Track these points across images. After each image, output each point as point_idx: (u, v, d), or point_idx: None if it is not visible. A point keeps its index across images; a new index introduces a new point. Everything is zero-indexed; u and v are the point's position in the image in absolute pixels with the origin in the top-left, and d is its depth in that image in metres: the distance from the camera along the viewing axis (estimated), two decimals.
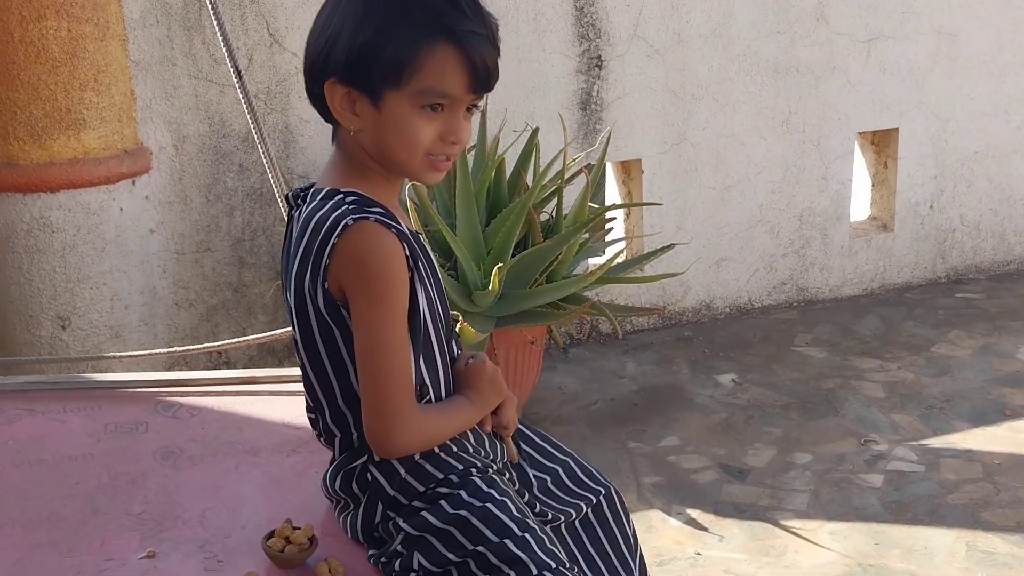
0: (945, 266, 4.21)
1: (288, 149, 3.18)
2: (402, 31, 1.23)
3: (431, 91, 1.25)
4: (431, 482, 1.35)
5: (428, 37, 1.23)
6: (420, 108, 1.26)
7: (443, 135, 1.28)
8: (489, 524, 1.29)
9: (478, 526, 1.29)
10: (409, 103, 1.26)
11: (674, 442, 2.96)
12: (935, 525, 2.51)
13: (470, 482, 1.34)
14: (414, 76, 1.24)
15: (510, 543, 1.28)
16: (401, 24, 1.23)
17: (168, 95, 3.01)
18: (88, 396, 1.94)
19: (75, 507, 1.56)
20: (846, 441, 2.93)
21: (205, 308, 3.19)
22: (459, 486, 1.34)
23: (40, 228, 2.76)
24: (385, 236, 1.26)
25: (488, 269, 2.75)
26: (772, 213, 3.86)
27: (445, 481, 1.35)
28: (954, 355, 3.49)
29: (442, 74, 1.24)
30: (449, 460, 1.36)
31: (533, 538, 1.29)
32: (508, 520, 1.30)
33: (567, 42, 3.45)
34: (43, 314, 2.82)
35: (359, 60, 1.24)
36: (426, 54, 1.23)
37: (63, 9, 2.65)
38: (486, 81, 1.27)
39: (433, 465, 1.36)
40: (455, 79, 1.25)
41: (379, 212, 1.28)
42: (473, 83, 1.26)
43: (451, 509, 1.31)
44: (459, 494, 1.32)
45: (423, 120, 1.26)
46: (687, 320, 3.84)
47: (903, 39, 3.87)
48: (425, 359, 1.35)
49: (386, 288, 1.26)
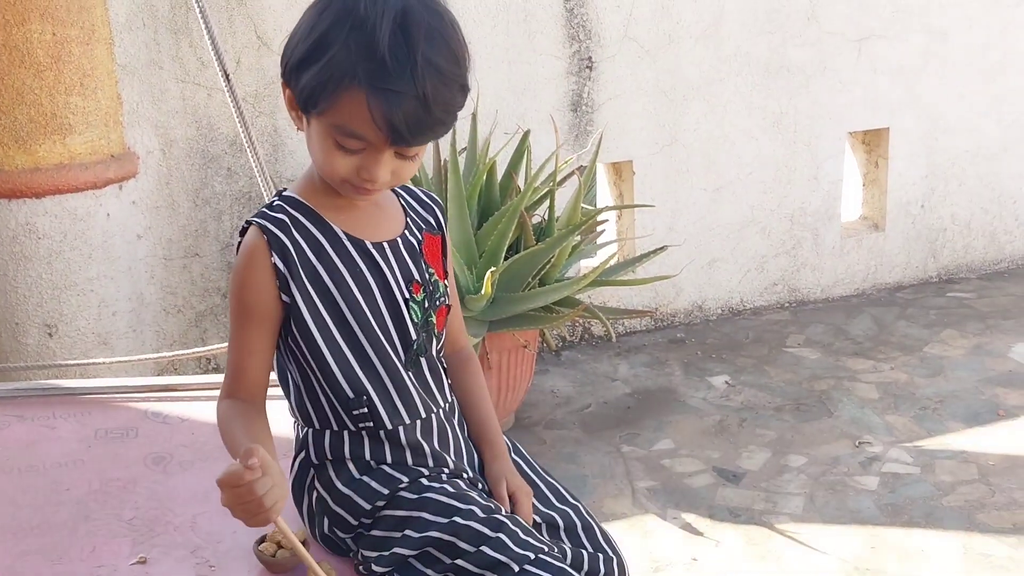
0: (936, 265, 4.22)
1: (276, 152, 3.15)
2: (324, 63, 1.19)
3: (343, 129, 1.21)
4: (377, 499, 1.33)
5: (343, 79, 1.18)
6: (336, 142, 1.23)
7: (359, 170, 1.25)
8: (461, 535, 1.28)
9: (451, 540, 1.28)
10: (327, 132, 1.23)
11: (668, 445, 2.94)
12: (931, 527, 2.50)
13: (427, 501, 1.31)
14: (328, 111, 1.21)
15: (487, 549, 1.27)
16: (326, 56, 1.19)
17: (155, 99, 2.98)
18: (78, 402, 1.93)
19: (66, 513, 1.55)
20: (840, 443, 2.92)
21: (193, 313, 3.16)
22: (416, 506, 1.31)
23: (26, 234, 2.72)
24: (251, 238, 1.31)
25: (480, 273, 2.73)
26: (763, 214, 3.86)
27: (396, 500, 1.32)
28: (947, 355, 3.49)
29: (354, 117, 1.19)
30: (394, 473, 1.35)
31: (507, 534, 1.28)
32: (478, 525, 1.28)
33: (557, 43, 3.44)
34: (30, 321, 2.79)
35: (291, 73, 1.25)
36: (338, 94, 1.19)
37: (48, 13, 2.62)
38: (404, 138, 1.20)
39: (378, 481, 1.34)
40: (367, 128, 1.20)
41: (279, 215, 1.31)
42: (389, 137, 1.20)
43: (418, 533, 1.30)
44: (421, 516, 1.30)
45: (340, 153, 1.24)
46: (679, 322, 3.83)
47: (894, 38, 3.88)
48: (356, 367, 1.33)
49: (233, 289, 1.32)
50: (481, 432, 1.48)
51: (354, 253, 1.34)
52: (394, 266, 1.36)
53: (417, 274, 1.38)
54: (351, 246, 1.34)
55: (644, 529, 2.53)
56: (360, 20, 1.18)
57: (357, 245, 1.34)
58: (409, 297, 1.36)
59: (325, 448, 1.37)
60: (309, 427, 1.39)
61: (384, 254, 1.36)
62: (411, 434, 1.36)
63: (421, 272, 1.39)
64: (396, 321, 1.35)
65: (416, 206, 1.45)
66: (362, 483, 1.35)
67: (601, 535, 1.44)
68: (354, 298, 1.33)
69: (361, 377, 1.33)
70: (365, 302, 1.33)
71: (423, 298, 1.38)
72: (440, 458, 1.38)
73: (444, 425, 1.41)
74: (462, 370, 1.52)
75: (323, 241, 1.33)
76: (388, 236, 1.38)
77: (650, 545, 2.46)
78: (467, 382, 1.51)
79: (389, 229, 1.39)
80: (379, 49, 1.16)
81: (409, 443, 1.36)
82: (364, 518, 1.34)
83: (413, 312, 1.36)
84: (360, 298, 1.33)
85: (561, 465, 2.83)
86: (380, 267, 1.35)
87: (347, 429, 1.37)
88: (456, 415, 1.46)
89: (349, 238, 1.34)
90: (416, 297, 1.37)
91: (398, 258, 1.37)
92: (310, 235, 1.32)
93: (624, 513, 2.60)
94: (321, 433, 1.38)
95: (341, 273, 1.32)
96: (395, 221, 1.41)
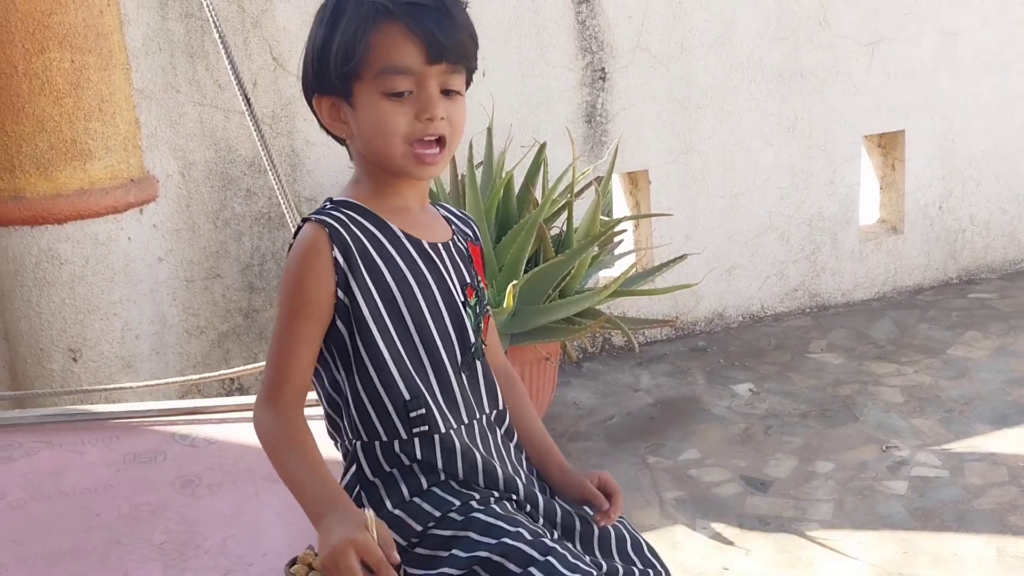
0: (956, 267, 4.19)
1: (295, 172, 3.17)
2: (346, 22, 1.25)
3: (387, 69, 1.24)
4: (428, 520, 1.32)
5: (369, 19, 1.24)
6: (387, 95, 1.25)
7: (417, 114, 1.26)
8: (511, 558, 1.26)
9: (500, 562, 1.26)
10: (375, 91, 1.26)
11: (694, 455, 2.93)
12: (963, 531, 2.47)
13: (474, 520, 1.30)
14: (367, 60, 1.24)
15: (535, 571, 1.25)
16: (344, 17, 1.26)
17: (173, 122, 3.00)
18: (105, 427, 1.93)
19: (97, 539, 1.55)
20: (867, 448, 2.90)
21: (216, 335, 3.17)
22: (464, 526, 1.30)
23: (48, 260, 2.74)
24: (310, 231, 1.27)
25: (501, 286, 2.73)
26: (781, 219, 3.84)
27: (444, 520, 1.31)
28: (971, 357, 3.46)
29: (392, 50, 1.24)
30: (446, 496, 1.33)
31: (556, 557, 1.26)
32: (526, 547, 1.27)
33: (570, 55, 3.44)
34: (54, 347, 2.80)
35: (320, 64, 1.27)
36: (370, 36, 1.24)
37: (66, 40, 2.64)
38: (441, 49, 1.25)
39: (430, 503, 1.32)
40: (406, 52, 1.24)
41: (336, 212, 1.29)
42: (428, 53, 1.24)
43: (466, 553, 1.28)
44: (468, 536, 1.29)
45: (393, 106, 1.26)
46: (700, 330, 3.82)
47: (905, 41, 3.87)
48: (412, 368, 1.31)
49: (288, 281, 1.28)
50: (544, 450, 1.49)
51: (414, 252, 1.33)
52: (450, 268, 1.36)
53: (470, 279, 1.39)
54: (410, 245, 1.33)
55: (673, 540, 2.52)
56: None
57: (416, 244, 1.33)
58: (465, 300, 1.37)
59: (379, 458, 1.33)
60: (358, 439, 1.35)
61: (441, 255, 1.36)
62: (462, 439, 1.35)
63: (473, 278, 1.40)
64: (456, 323, 1.35)
65: (455, 220, 1.46)
66: (413, 504, 1.33)
67: (648, 550, 1.44)
68: (415, 298, 1.31)
69: (417, 379, 1.32)
70: (426, 302, 1.32)
71: (475, 303, 1.39)
72: (489, 465, 1.36)
73: (486, 432, 1.39)
74: (510, 389, 1.51)
75: (383, 239, 1.31)
76: (442, 239, 1.39)
77: (680, 556, 2.45)
78: (516, 402, 1.50)
79: (441, 233, 1.40)
80: None
81: (462, 448, 1.34)
82: (413, 538, 1.33)
83: (470, 316, 1.37)
84: (421, 298, 1.32)
85: None
86: (439, 268, 1.35)
87: (398, 438, 1.33)
88: (504, 426, 1.44)
89: (408, 237, 1.33)
90: (470, 302, 1.38)
91: (453, 261, 1.37)
92: (370, 233, 1.31)
93: (652, 524, 2.58)
94: (371, 445, 1.34)
95: (402, 271, 1.31)
96: (444, 228, 1.42)
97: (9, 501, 1.67)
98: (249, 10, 3.03)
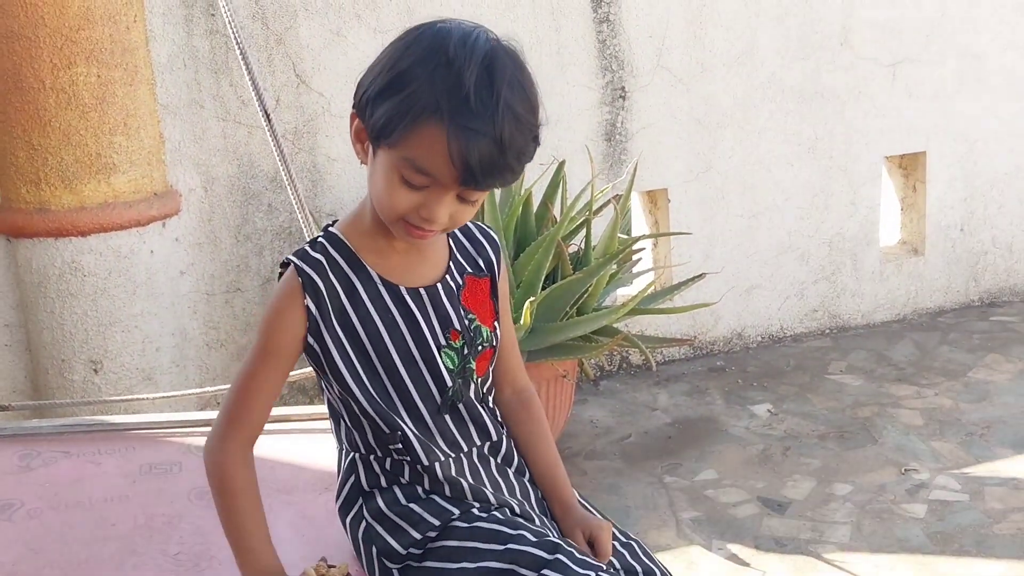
0: (978, 289, 4.16)
1: (316, 188, 3.19)
2: (406, 95, 1.19)
3: (413, 163, 1.20)
4: (428, 529, 1.33)
5: (422, 113, 1.18)
6: (402, 176, 1.22)
7: (419, 208, 1.24)
8: (520, 562, 1.26)
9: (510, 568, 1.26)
10: (394, 165, 1.22)
11: (711, 475, 2.91)
12: (983, 556, 2.44)
13: (478, 530, 1.31)
14: (400, 142, 1.20)
15: (549, 572, 1.24)
16: (407, 88, 1.19)
17: (196, 137, 3.03)
18: (122, 438, 1.95)
19: (113, 549, 1.56)
20: (886, 470, 2.88)
21: (236, 348, 3.19)
22: (468, 535, 1.31)
23: (72, 273, 2.77)
24: (288, 278, 1.32)
25: (519, 303, 2.73)
26: (801, 239, 3.83)
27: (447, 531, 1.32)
28: (992, 380, 3.43)
29: (426, 153, 1.19)
30: (446, 505, 1.35)
31: (564, 555, 1.26)
32: (534, 549, 1.27)
33: (590, 74, 3.46)
34: (75, 358, 2.83)
35: (367, 105, 1.24)
36: (414, 128, 1.18)
37: (93, 55, 2.68)
38: (475, 178, 1.19)
39: (429, 512, 1.34)
40: (439, 164, 1.19)
41: (317, 255, 1.33)
42: (461, 176, 1.19)
43: (474, 564, 1.28)
44: (476, 546, 1.29)
45: (403, 188, 1.23)
46: (719, 350, 3.80)
47: (928, 62, 3.86)
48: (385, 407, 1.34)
49: (264, 323, 1.34)
50: (548, 484, 1.47)
51: (387, 299, 1.34)
52: (430, 313, 1.35)
53: (456, 321, 1.37)
54: (385, 291, 1.34)
55: (689, 560, 2.50)
56: (448, 59, 1.18)
57: (392, 291, 1.34)
58: (445, 344, 1.36)
59: (375, 469, 1.38)
60: (355, 452, 1.40)
61: (420, 300, 1.35)
62: (447, 470, 1.37)
63: (460, 318, 1.37)
64: (430, 367, 1.35)
65: (467, 244, 1.44)
66: (411, 511, 1.35)
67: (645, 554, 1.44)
68: (384, 345, 1.33)
69: (393, 416, 1.35)
70: (396, 349, 1.33)
71: (462, 345, 1.37)
72: (479, 492, 1.38)
73: (476, 465, 1.40)
74: (523, 414, 1.50)
75: (357, 285, 1.33)
76: (426, 282, 1.37)
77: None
78: (528, 429, 1.49)
79: (427, 275, 1.38)
80: (464, 88, 1.17)
81: (446, 478, 1.37)
82: (414, 548, 1.34)
83: (448, 358, 1.36)
84: (390, 345, 1.33)
85: (603, 496, 2.81)
86: (414, 314, 1.34)
87: (390, 457, 1.38)
88: (501, 454, 1.44)
89: (384, 283, 1.34)
90: (454, 344, 1.36)
91: (436, 304, 1.36)
92: (345, 278, 1.33)
93: (668, 544, 2.57)
94: (366, 457, 1.39)
95: (372, 319, 1.33)
96: (436, 266, 1.39)
97: (27, 510, 1.69)
98: (273, 28, 3.06)
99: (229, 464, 1.34)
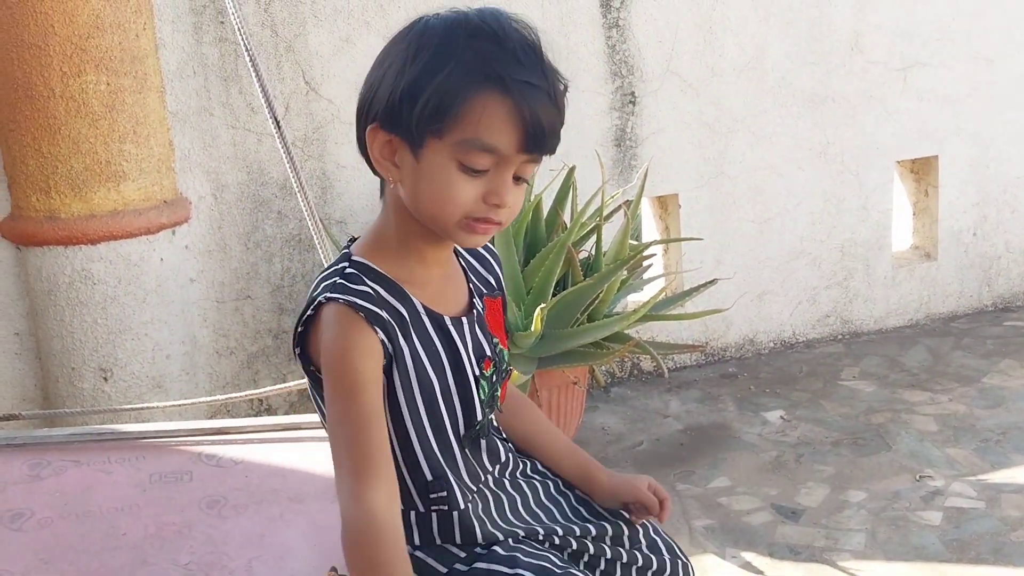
0: (992, 294, 4.13)
1: (325, 195, 3.19)
2: (447, 74, 1.11)
3: (474, 143, 1.12)
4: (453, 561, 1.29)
5: (474, 83, 1.11)
6: (462, 165, 1.13)
7: (485, 196, 1.15)
8: None
9: None
10: (450, 156, 1.13)
11: (724, 483, 2.89)
12: (1000, 564, 2.42)
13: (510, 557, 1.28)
14: (456, 125, 1.11)
15: None
16: (447, 67, 1.11)
17: (206, 145, 3.03)
18: (132, 446, 1.94)
19: (123, 558, 1.55)
20: (900, 477, 2.85)
21: (246, 356, 3.18)
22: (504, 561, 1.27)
23: (82, 280, 2.77)
24: (350, 326, 1.15)
25: (529, 310, 2.72)
26: (813, 245, 3.81)
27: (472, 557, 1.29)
28: (1007, 386, 3.40)
29: (487, 126, 1.11)
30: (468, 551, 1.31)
31: None
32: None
33: (600, 80, 3.45)
34: (85, 366, 2.82)
35: (400, 104, 1.13)
36: (470, 101, 1.11)
37: (102, 63, 2.68)
38: (539, 140, 1.13)
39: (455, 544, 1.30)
40: (502, 133, 1.12)
41: (360, 287, 1.18)
42: (524, 141, 1.12)
43: None
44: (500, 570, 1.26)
45: (464, 178, 1.14)
46: (730, 356, 3.78)
47: (939, 66, 3.84)
48: (435, 448, 1.25)
49: (336, 363, 1.16)
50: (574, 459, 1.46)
51: (432, 330, 1.24)
52: (468, 343, 1.27)
53: (488, 348, 1.30)
54: (429, 322, 1.24)
55: (703, 568, 2.48)
56: (476, 28, 1.13)
57: (435, 321, 1.24)
58: (480, 374, 1.28)
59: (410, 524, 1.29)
60: None
61: (461, 330, 1.27)
62: (477, 513, 1.31)
63: (492, 345, 1.32)
64: (464, 401, 1.26)
65: (476, 264, 1.38)
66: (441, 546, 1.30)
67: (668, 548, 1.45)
68: (428, 379, 1.23)
69: (441, 459, 1.26)
70: (439, 384, 1.24)
71: (491, 373, 1.31)
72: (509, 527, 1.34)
73: (496, 493, 1.36)
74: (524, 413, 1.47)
75: (407, 317, 1.21)
76: (460, 308, 1.30)
77: None
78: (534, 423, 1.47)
79: (460, 300, 1.31)
80: (510, 45, 1.13)
81: (476, 517, 1.30)
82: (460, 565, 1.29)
83: (482, 390, 1.29)
84: (434, 380, 1.23)
85: None
86: (455, 344, 1.26)
87: (415, 510, 1.28)
88: (509, 469, 1.40)
89: (428, 313, 1.24)
90: (486, 373, 1.29)
91: (472, 334, 1.28)
92: (394, 311, 1.20)
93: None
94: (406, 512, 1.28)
95: (419, 353, 1.22)
96: (461, 291, 1.32)
97: (37, 519, 1.68)
98: (283, 35, 3.06)
99: (379, 516, 1.14)
